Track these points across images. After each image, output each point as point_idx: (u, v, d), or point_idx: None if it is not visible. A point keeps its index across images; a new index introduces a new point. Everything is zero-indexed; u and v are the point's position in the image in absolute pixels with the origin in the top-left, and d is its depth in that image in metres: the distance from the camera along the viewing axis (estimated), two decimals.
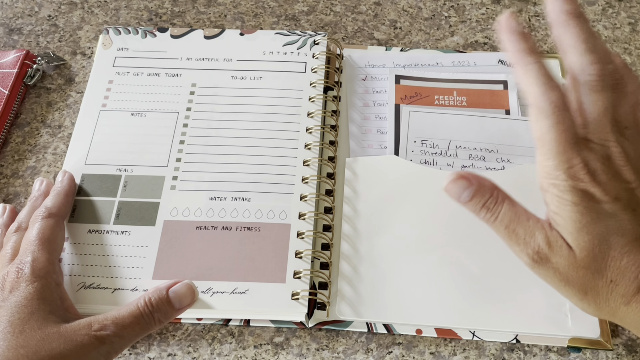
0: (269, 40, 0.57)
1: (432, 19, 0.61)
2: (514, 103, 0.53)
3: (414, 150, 0.51)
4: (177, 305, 0.42)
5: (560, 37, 0.35)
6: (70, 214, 0.47)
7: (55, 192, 0.46)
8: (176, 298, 0.42)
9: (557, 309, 0.43)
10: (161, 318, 0.41)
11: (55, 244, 0.42)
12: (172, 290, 0.42)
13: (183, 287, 0.43)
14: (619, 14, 0.62)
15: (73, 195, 0.48)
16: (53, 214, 0.44)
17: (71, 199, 0.47)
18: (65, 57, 0.59)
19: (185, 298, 0.43)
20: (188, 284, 0.43)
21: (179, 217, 0.47)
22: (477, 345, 0.44)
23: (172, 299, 0.42)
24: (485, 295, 0.44)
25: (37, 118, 0.55)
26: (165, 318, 0.41)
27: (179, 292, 0.42)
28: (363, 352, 0.43)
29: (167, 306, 0.42)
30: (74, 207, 0.48)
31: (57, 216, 0.44)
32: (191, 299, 0.43)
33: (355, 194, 0.49)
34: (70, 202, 0.47)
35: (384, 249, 0.46)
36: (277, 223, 0.47)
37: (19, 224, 0.44)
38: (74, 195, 0.48)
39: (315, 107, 0.52)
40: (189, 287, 0.43)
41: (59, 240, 0.43)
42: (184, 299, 0.43)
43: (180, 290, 0.43)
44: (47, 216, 0.43)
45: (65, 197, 0.46)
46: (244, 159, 0.50)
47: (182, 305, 0.42)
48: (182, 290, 0.43)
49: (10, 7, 0.63)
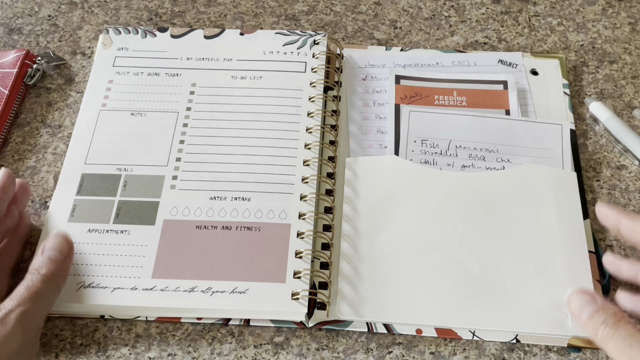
0: (269, 40, 0.57)
1: (432, 18, 0.61)
2: (514, 103, 0.53)
3: (414, 150, 0.51)
4: (59, 257, 0.41)
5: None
6: (70, 213, 0.47)
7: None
8: (53, 252, 0.41)
9: (557, 308, 0.43)
10: (50, 271, 0.40)
11: None
12: (46, 249, 0.41)
13: (52, 239, 0.42)
14: (619, 14, 0.62)
15: (5, 191, 0.44)
16: None
17: (2, 194, 0.44)
18: (65, 57, 0.59)
19: (61, 247, 0.42)
20: (56, 233, 0.42)
21: (178, 217, 0.47)
22: (477, 345, 0.44)
23: (49, 256, 0.41)
24: (485, 295, 0.44)
25: (37, 118, 0.55)
26: (54, 270, 0.41)
27: (52, 246, 0.42)
28: (363, 352, 0.43)
29: (50, 262, 0.41)
30: (74, 207, 0.48)
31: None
32: (67, 244, 0.42)
33: (355, 193, 0.49)
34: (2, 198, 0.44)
35: (384, 249, 0.46)
36: (277, 223, 0.47)
37: None
38: (6, 192, 0.44)
39: (315, 107, 0.52)
40: (58, 236, 0.42)
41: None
42: (61, 248, 0.42)
43: (52, 244, 0.42)
44: None
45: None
46: (244, 159, 0.50)
47: (63, 254, 0.42)
48: (53, 242, 0.42)
49: (10, 7, 0.63)
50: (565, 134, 0.52)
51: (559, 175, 0.49)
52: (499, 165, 0.50)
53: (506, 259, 0.46)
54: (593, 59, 0.58)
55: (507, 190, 0.49)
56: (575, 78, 0.57)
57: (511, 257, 0.46)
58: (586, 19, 0.61)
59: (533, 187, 0.49)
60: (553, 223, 0.47)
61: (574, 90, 0.56)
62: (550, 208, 0.47)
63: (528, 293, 0.44)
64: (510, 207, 0.48)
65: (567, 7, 0.62)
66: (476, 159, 0.51)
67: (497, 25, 0.61)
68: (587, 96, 0.56)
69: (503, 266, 0.45)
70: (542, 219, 0.47)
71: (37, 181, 0.51)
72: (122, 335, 0.44)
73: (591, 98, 0.55)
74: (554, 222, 0.47)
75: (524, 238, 0.46)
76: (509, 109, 0.53)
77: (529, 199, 0.48)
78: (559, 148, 0.51)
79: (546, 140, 0.51)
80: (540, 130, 0.52)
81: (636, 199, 0.50)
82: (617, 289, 0.45)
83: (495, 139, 0.51)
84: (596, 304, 0.38)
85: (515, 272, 0.45)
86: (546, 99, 0.54)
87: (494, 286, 0.45)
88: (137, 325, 0.44)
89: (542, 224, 0.47)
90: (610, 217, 0.43)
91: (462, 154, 0.51)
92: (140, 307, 0.44)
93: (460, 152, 0.51)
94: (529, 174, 0.49)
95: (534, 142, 0.51)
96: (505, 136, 0.51)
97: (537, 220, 0.47)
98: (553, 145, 0.51)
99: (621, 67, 0.57)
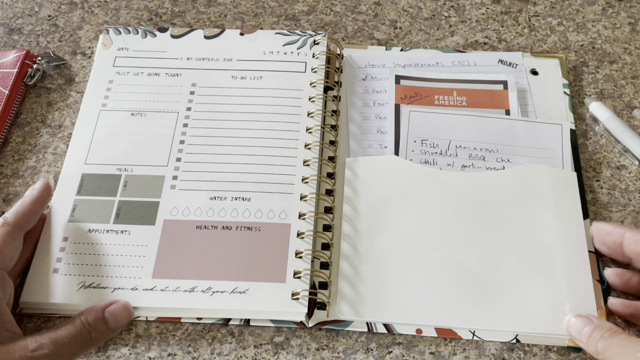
0: (269, 40, 0.57)
1: (432, 18, 0.61)
2: (514, 103, 0.53)
3: (414, 150, 0.51)
4: (112, 325, 0.42)
5: None
6: (71, 213, 0.47)
7: (20, 200, 0.44)
8: (112, 318, 0.42)
9: (558, 308, 0.43)
10: (98, 337, 0.41)
11: (1, 255, 0.40)
12: (108, 311, 0.42)
13: (119, 308, 0.43)
14: (619, 14, 0.62)
15: (41, 205, 0.45)
16: (8, 223, 0.42)
17: (39, 207, 0.45)
18: (65, 57, 0.59)
19: (121, 318, 0.43)
20: (124, 304, 0.43)
21: (178, 217, 0.47)
22: (477, 345, 0.44)
23: (108, 319, 0.42)
24: (486, 295, 0.44)
25: (37, 118, 0.55)
26: (102, 337, 0.42)
27: (114, 312, 0.42)
28: (363, 352, 0.43)
29: (103, 326, 0.41)
30: (74, 207, 0.48)
31: (11, 225, 0.42)
32: (127, 319, 0.43)
33: (356, 193, 0.49)
34: (37, 211, 0.45)
35: (384, 249, 0.46)
36: (277, 223, 0.47)
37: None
38: (43, 204, 0.45)
39: (315, 107, 0.52)
40: (125, 307, 0.43)
41: (8, 251, 0.41)
42: (119, 319, 0.42)
43: (116, 310, 0.42)
44: (1, 225, 0.42)
45: (30, 206, 0.44)
46: (244, 159, 0.50)
47: (117, 325, 0.42)
48: (117, 310, 0.42)
49: (10, 7, 0.63)
50: (565, 133, 0.52)
51: (559, 175, 0.49)
52: (499, 165, 0.50)
53: (506, 259, 0.46)
54: (593, 59, 0.58)
55: (507, 190, 0.49)
56: (575, 78, 0.57)
57: (511, 257, 0.46)
58: (586, 19, 0.61)
59: (533, 187, 0.49)
60: (553, 223, 0.47)
61: (574, 90, 0.56)
62: (550, 208, 0.47)
63: (528, 293, 0.44)
64: (511, 207, 0.48)
65: (567, 7, 0.62)
66: (476, 159, 0.51)
67: (497, 26, 0.61)
68: (587, 96, 0.56)
69: (503, 266, 0.45)
70: (542, 218, 0.47)
71: (37, 181, 0.51)
72: (122, 335, 0.44)
73: (591, 98, 0.55)
74: (554, 222, 0.47)
75: (524, 238, 0.46)
76: (509, 109, 0.53)
77: (529, 198, 0.48)
78: (559, 148, 0.51)
79: (546, 140, 0.51)
80: (540, 130, 0.52)
81: (636, 199, 0.50)
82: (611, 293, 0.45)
83: (495, 139, 0.51)
84: (592, 323, 0.41)
85: (515, 271, 0.45)
86: (546, 98, 0.54)
87: (494, 286, 0.45)
88: (137, 325, 0.44)
89: (542, 224, 0.47)
90: (612, 232, 0.44)
91: (462, 154, 0.51)
92: (141, 307, 0.44)
93: (460, 152, 0.51)
94: (529, 173, 0.49)
95: (534, 142, 0.51)
96: (505, 136, 0.51)
97: (537, 220, 0.47)
98: (553, 145, 0.51)
99: (621, 67, 0.57)
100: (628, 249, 0.43)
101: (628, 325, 0.44)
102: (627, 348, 0.38)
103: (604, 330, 0.40)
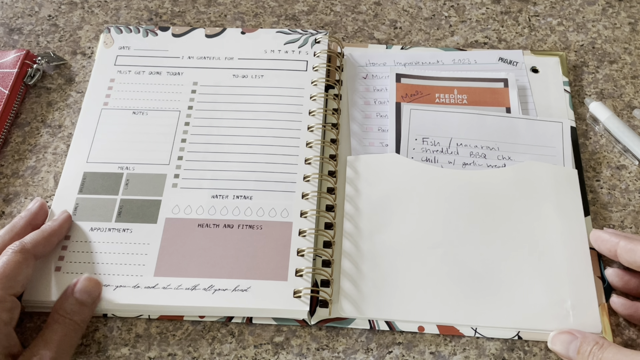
0: (270, 39, 0.57)
1: (432, 18, 0.61)
2: (515, 101, 0.53)
3: (415, 148, 0.51)
4: (88, 301, 0.42)
5: None
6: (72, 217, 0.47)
7: (41, 229, 0.44)
8: (84, 295, 0.42)
9: (559, 305, 0.43)
10: (82, 319, 0.41)
11: (14, 281, 0.40)
12: (77, 291, 0.42)
13: (84, 283, 0.42)
14: (619, 14, 0.62)
15: (60, 237, 0.45)
16: (26, 250, 0.42)
17: (56, 239, 0.45)
18: (65, 56, 0.59)
19: (92, 291, 0.42)
20: (86, 277, 0.43)
21: (180, 215, 0.47)
22: (477, 345, 0.43)
23: (81, 298, 0.42)
24: (487, 292, 0.44)
25: (37, 118, 0.55)
26: (86, 316, 0.42)
27: (83, 289, 0.42)
28: (363, 352, 0.43)
29: (80, 307, 0.42)
30: (76, 205, 0.48)
31: (28, 253, 0.42)
32: (97, 288, 0.43)
33: (357, 192, 0.49)
34: (54, 243, 0.45)
35: (386, 247, 0.46)
36: (279, 221, 0.47)
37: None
38: (60, 237, 0.46)
39: (316, 106, 0.52)
40: (89, 279, 0.43)
41: (21, 277, 0.41)
42: (91, 292, 0.42)
43: (83, 287, 0.42)
44: (18, 251, 0.41)
45: (49, 237, 0.44)
46: (245, 157, 0.50)
47: (92, 298, 0.42)
48: (85, 286, 0.42)
49: (10, 7, 0.63)
50: (565, 131, 0.52)
51: (559, 173, 0.49)
52: (499, 163, 0.50)
53: (507, 256, 0.46)
54: (593, 59, 0.58)
55: (508, 187, 0.49)
56: (576, 78, 0.57)
57: (512, 254, 0.46)
58: (586, 19, 0.61)
59: (534, 185, 0.49)
60: (554, 220, 0.47)
61: (574, 90, 0.56)
62: (551, 205, 0.47)
63: (529, 290, 0.44)
64: (512, 205, 0.48)
65: (567, 7, 0.62)
66: (477, 157, 0.51)
67: (497, 26, 0.61)
68: (587, 96, 0.56)
69: (504, 263, 0.45)
70: (543, 216, 0.47)
71: (37, 181, 0.51)
72: (122, 335, 0.44)
73: (591, 98, 0.55)
74: (555, 219, 0.47)
75: (525, 235, 0.46)
76: (509, 106, 0.53)
77: (530, 196, 0.48)
78: (560, 145, 0.51)
79: (547, 138, 0.51)
80: (541, 127, 0.52)
81: (636, 199, 0.50)
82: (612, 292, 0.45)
83: (496, 137, 0.51)
84: (577, 338, 0.41)
85: (516, 268, 0.45)
86: (547, 96, 0.54)
87: (496, 283, 0.45)
88: (138, 325, 0.44)
89: (544, 221, 0.47)
90: (607, 240, 0.44)
91: (463, 151, 0.51)
92: (143, 305, 0.44)
93: (461, 149, 0.51)
94: (529, 171, 0.49)
95: (535, 140, 0.51)
96: (506, 134, 0.51)
97: (538, 217, 0.47)
98: (554, 143, 0.51)
99: (621, 67, 0.58)
100: (622, 258, 0.43)
101: (629, 324, 0.44)
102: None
103: (591, 345, 0.40)
